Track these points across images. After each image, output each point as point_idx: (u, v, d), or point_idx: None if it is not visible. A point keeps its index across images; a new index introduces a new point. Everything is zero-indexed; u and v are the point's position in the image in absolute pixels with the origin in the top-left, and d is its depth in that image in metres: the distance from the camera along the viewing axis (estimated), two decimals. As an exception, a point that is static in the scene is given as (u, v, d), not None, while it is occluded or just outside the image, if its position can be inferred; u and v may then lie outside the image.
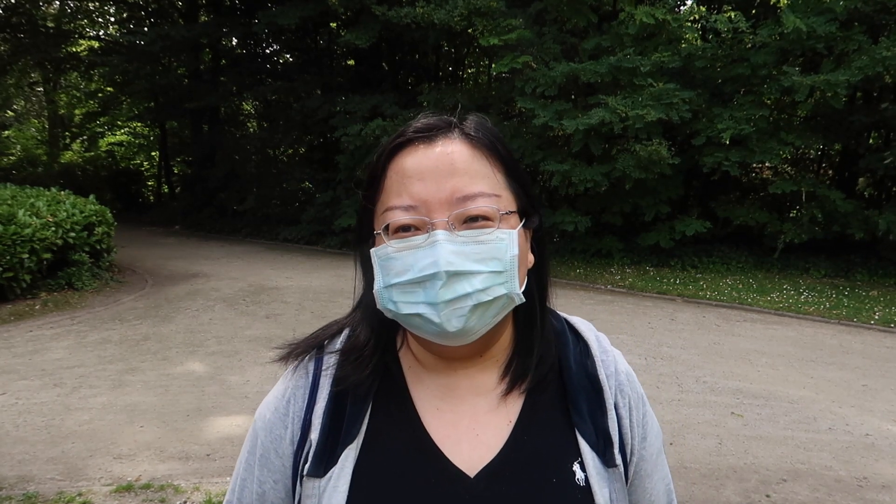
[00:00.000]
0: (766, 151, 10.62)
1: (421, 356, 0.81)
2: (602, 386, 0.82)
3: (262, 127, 20.38)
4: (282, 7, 14.29)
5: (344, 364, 0.80)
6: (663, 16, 10.25)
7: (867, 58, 9.58)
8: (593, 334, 0.88)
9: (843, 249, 11.95)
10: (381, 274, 0.73)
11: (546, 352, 0.82)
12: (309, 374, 0.81)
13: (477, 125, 0.77)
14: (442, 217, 0.70)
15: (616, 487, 0.77)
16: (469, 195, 0.71)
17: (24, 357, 5.75)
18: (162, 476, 3.55)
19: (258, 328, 6.96)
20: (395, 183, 0.73)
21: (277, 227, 16.22)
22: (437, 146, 0.73)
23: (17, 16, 19.13)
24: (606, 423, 0.80)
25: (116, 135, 25.95)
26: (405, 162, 0.73)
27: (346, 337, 0.83)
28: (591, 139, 10.73)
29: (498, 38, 10.83)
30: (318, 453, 0.75)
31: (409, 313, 0.71)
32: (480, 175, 0.73)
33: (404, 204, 0.71)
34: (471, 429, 0.78)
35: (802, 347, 6.81)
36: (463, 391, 0.79)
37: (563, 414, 0.80)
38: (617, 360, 0.86)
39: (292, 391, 0.81)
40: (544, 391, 0.80)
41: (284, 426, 0.79)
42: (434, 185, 0.71)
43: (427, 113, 0.78)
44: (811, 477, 3.76)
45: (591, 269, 11.56)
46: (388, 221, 0.72)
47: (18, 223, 7.68)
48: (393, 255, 0.71)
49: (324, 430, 0.76)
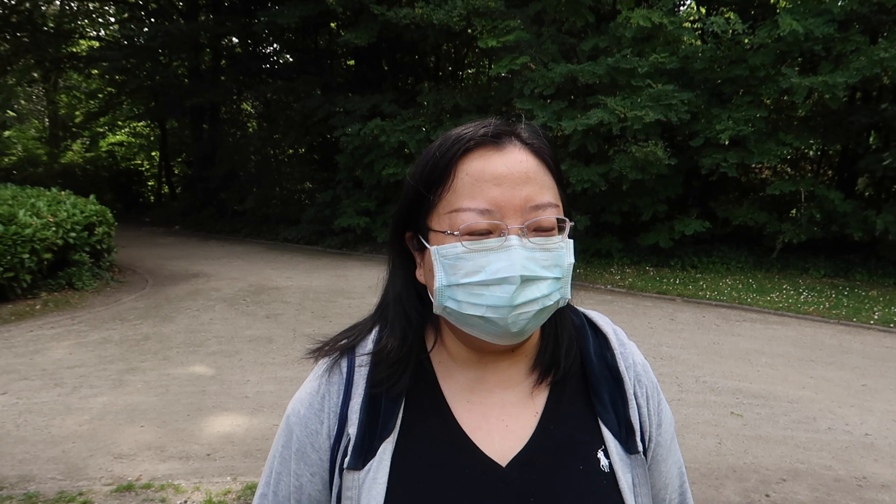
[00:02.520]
0: (765, 152, 10.63)
1: (454, 351, 0.83)
2: (622, 377, 0.86)
3: (262, 127, 20.39)
4: (282, 7, 14.31)
5: (379, 366, 0.81)
6: (660, 19, 10.25)
7: (865, 59, 9.59)
8: (611, 328, 0.92)
9: (842, 249, 11.96)
10: (445, 273, 0.74)
11: (570, 346, 0.85)
12: (343, 373, 0.83)
13: (535, 134, 0.79)
14: (516, 223, 0.72)
15: (638, 473, 0.81)
16: (540, 204, 0.74)
17: (25, 357, 5.76)
18: (162, 476, 3.55)
19: (258, 328, 6.97)
20: (468, 185, 0.74)
21: (277, 227, 16.23)
22: (507, 153, 0.75)
23: (18, 15, 19.14)
24: (628, 412, 0.84)
25: (117, 135, 25.96)
26: (479, 165, 0.74)
27: (376, 337, 0.84)
28: (589, 139, 10.74)
29: (496, 39, 10.85)
30: (357, 447, 0.78)
31: (472, 314, 0.73)
32: (546, 185, 0.76)
33: (480, 207, 0.72)
34: (500, 420, 0.81)
35: (802, 347, 6.82)
36: (491, 384, 0.83)
37: (587, 404, 0.83)
38: (634, 352, 0.91)
39: (326, 388, 0.83)
40: (568, 383, 0.84)
41: (320, 421, 0.82)
42: (509, 192, 0.73)
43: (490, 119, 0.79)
44: (811, 476, 3.77)
45: (590, 269, 11.57)
46: (463, 223, 0.72)
47: (19, 223, 7.69)
48: (464, 255, 0.73)
49: (361, 425, 0.79)
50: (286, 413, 0.86)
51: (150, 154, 26.36)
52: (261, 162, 19.36)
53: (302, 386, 0.87)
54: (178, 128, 23.74)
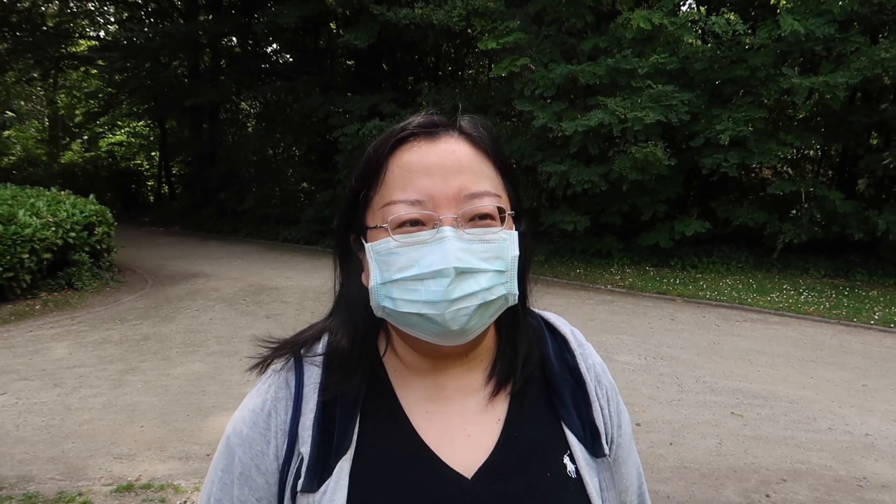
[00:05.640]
0: (765, 152, 10.63)
1: (406, 358, 0.79)
2: (584, 378, 0.84)
3: (262, 127, 20.40)
4: (281, 7, 14.31)
5: (329, 371, 0.77)
6: (660, 20, 10.25)
7: (866, 59, 9.59)
8: (568, 329, 0.90)
9: (842, 249, 11.96)
10: (380, 270, 0.71)
11: (529, 350, 0.82)
12: (290, 386, 0.78)
13: (476, 126, 0.77)
14: (450, 213, 0.69)
15: (605, 476, 0.79)
16: (476, 193, 0.71)
17: (25, 357, 5.75)
18: (162, 476, 3.55)
19: (258, 328, 6.96)
20: (399, 177, 0.71)
21: (277, 226, 16.23)
22: (441, 143, 0.73)
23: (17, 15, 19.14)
24: (592, 414, 0.82)
25: (116, 135, 25.97)
26: (410, 156, 0.72)
27: (326, 342, 0.80)
28: (590, 139, 10.74)
29: (496, 41, 10.84)
30: (311, 467, 0.72)
31: (409, 312, 0.69)
32: (484, 175, 0.73)
33: (410, 198, 0.70)
34: (462, 429, 0.77)
35: (802, 347, 6.81)
36: (451, 392, 0.79)
37: (549, 408, 0.81)
38: (592, 352, 0.89)
39: (272, 403, 0.77)
40: (529, 387, 0.81)
41: (266, 441, 0.75)
42: (441, 181, 0.70)
43: (427, 111, 0.77)
44: (811, 477, 3.77)
45: (591, 269, 11.57)
46: (393, 215, 0.70)
47: (19, 223, 7.68)
48: (396, 249, 0.69)
49: (315, 443, 0.73)
50: (226, 434, 0.79)
51: (149, 154, 26.37)
52: (260, 162, 19.37)
53: (243, 403, 0.80)
54: (177, 128, 23.74)
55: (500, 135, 12.32)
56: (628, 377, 5.52)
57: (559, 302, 8.85)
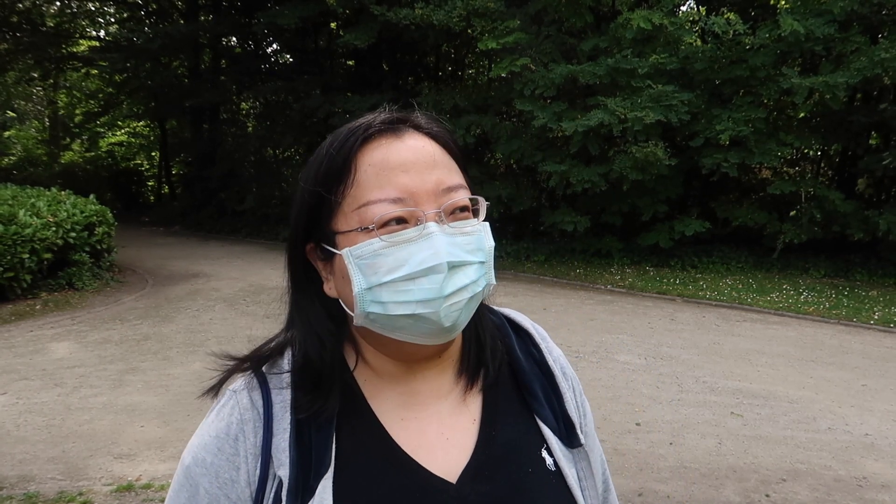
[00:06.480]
0: (765, 152, 10.63)
1: (378, 365, 0.77)
2: (552, 370, 0.84)
3: (262, 127, 20.40)
4: (281, 7, 14.31)
5: (299, 387, 0.73)
6: (661, 20, 10.26)
7: (866, 59, 9.59)
8: (530, 324, 0.90)
9: (842, 249, 11.96)
10: (363, 275, 0.68)
11: (494, 345, 0.82)
12: (257, 406, 0.73)
13: (431, 120, 0.76)
14: (431, 209, 0.68)
15: (582, 466, 0.80)
16: (452, 186, 0.71)
17: (25, 357, 5.76)
18: (162, 476, 3.55)
19: (258, 328, 6.90)
20: (373, 176, 0.68)
21: (277, 226, 16.22)
22: (408, 139, 0.71)
23: (17, 14, 19.14)
24: (564, 405, 0.82)
25: (117, 135, 25.98)
26: (381, 154, 0.69)
27: (290, 357, 0.76)
28: (590, 139, 10.74)
29: (496, 41, 10.84)
30: (292, 489, 0.68)
31: (401, 314, 0.67)
32: (452, 169, 0.73)
33: (390, 196, 0.67)
34: (439, 433, 0.76)
35: (802, 347, 6.82)
36: (424, 396, 0.77)
37: (521, 404, 0.81)
38: (553, 346, 0.89)
39: (238, 427, 0.72)
40: (500, 384, 0.81)
41: (235, 467, 0.71)
42: (419, 177, 0.69)
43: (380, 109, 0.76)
44: (811, 477, 3.77)
45: (590, 269, 11.57)
46: (375, 215, 0.67)
47: (19, 223, 7.69)
48: (382, 251, 0.67)
49: (294, 465, 0.69)
50: (184, 465, 0.73)
51: (149, 154, 26.37)
52: (260, 162, 19.37)
53: (201, 429, 0.75)
54: (177, 128, 23.74)
55: (500, 135, 12.33)
56: (628, 377, 5.52)
57: (559, 302, 8.86)
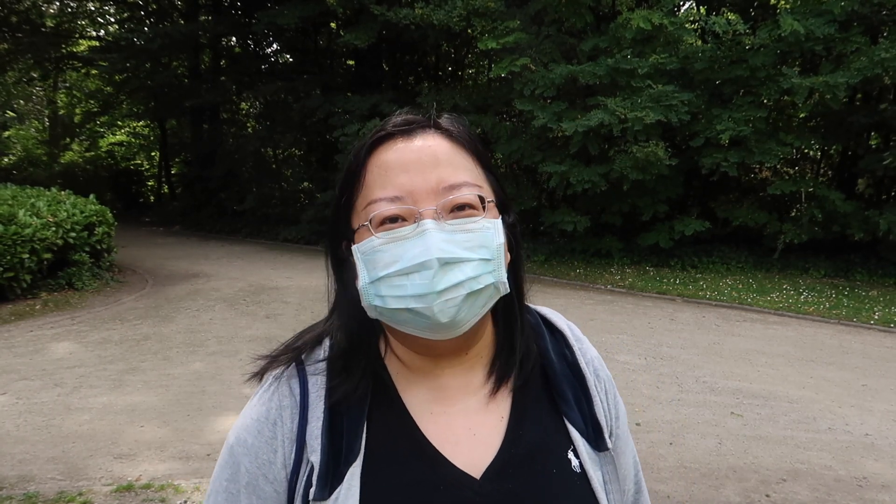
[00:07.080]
0: (765, 152, 10.63)
1: (406, 358, 0.80)
2: (584, 373, 0.84)
3: (262, 127, 20.42)
4: (281, 7, 14.30)
5: (332, 373, 0.78)
6: (660, 20, 10.25)
7: (866, 59, 9.59)
8: (565, 323, 0.90)
9: (842, 249, 11.96)
10: (366, 269, 0.72)
11: (528, 346, 0.83)
12: (294, 393, 0.77)
13: (452, 121, 0.78)
14: (429, 206, 0.70)
15: (608, 470, 0.81)
16: (455, 184, 0.72)
17: (25, 357, 5.76)
18: (162, 476, 3.55)
19: (258, 328, 6.97)
20: (378, 176, 0.73)
21: (277, 226, 16.23)
22: (417, 140, 0.74)
23: (17, 15, 19.14)
24: (593, 408, 0.82)
25: (116, 135, 25.97)
26: (387, 155, 0.73)
27: (328, 346, 0.80)
28: (590, 139, 10.74)
29: (496, 41, 10.83)
30: (322, 475, 0.72)
31: (398, 308, 0.70)
32: (463, 166, 0.74)
33: (389, 195, 0.71)
34: (466, 429, 0.77)
35: (802, 347, 6.82)
36: (453, 391, 0.79)
37: (551, 405, 0.81)
38: (589, 346, 0.89)
39: (277, 412, 0.76)
40: (530, 385, 0.82)
41: (273, 450, 0.75)
42: (419, 176, 0.71)
43: (403, 111, 0.79)
44: (811, 477, 3.77)
45: (590, 269, 11.57)
46: (373, 213, 0.71)
47: (19, 223, 7.69)
48: (380, 247, 0.70)
49: (325, 451, 0.73)
50: (228, 443, 0.78)
51: (149, 154, 26.37)
52: (260, 162, 19.38)
53: (245, 411, 0.79)
54: (177, 128, 23.74)
55: (500, 135, 12.32)
56: (628, 377, 5.52)
57: (559, 302, 8.86)
